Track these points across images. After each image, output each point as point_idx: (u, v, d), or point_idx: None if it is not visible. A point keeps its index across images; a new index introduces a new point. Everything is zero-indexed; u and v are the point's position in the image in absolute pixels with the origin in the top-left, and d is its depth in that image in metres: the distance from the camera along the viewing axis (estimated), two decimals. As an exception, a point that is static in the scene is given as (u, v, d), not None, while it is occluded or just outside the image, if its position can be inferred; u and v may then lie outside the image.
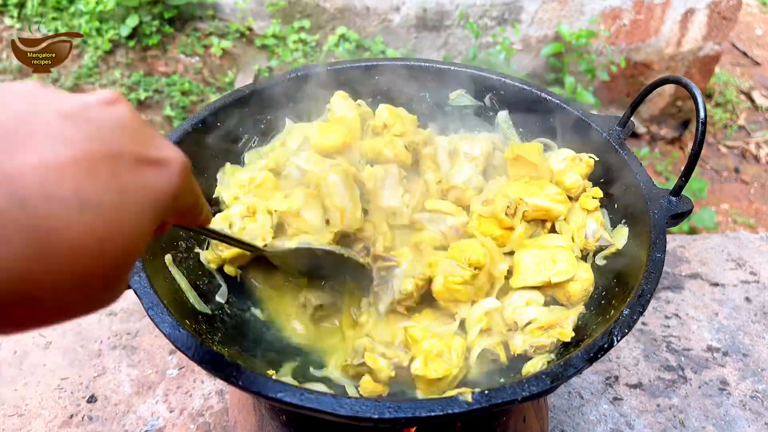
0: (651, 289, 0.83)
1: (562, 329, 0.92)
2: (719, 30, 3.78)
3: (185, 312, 0.92)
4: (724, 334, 1.60)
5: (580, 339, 0.89)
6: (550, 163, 1.13)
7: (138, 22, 3.46)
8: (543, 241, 1.03)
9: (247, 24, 3.67)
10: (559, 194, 1.07)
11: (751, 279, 1.75)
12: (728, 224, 3.61)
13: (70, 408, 1.37)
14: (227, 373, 0.72)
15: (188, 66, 3.57)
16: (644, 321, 1.62)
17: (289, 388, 0.70)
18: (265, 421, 1.07)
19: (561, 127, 1.17)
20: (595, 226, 1.05)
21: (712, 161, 4.06)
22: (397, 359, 0.90)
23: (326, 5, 3.55)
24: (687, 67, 3.92)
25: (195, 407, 1.38)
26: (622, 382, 1.47)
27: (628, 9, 3.59)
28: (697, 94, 0.90)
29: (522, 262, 1.00)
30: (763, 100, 4.48)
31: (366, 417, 0.68)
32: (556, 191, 1.07)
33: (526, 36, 3.62)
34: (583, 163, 1.11)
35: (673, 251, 1.83)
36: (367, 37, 3.61)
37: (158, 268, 0.92)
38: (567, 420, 1.39)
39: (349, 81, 1.25)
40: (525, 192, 1.07)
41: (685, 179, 0.94)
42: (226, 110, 1.13)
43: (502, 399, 0.70)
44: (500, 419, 1.05)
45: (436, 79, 1.26)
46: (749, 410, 1.42)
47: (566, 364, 0.74)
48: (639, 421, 1.39)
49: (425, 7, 3.46)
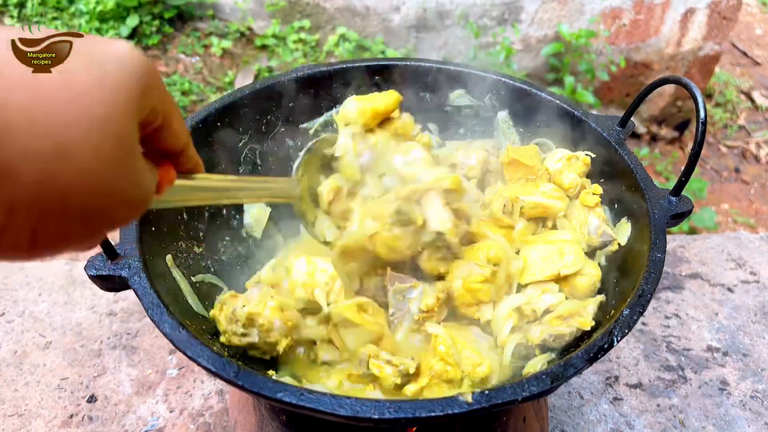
0: (651, 289, 0.83)
1: (582, 318, 0.90)
2: (719, 30, 3.78)
3: (185, 312, 0.92)
4: (724, 334, 1.60)
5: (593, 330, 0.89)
6: (546, 164, 1.13)
7: (138, 22, 3.47)
8: (549, 236, 1.03)
9: (247, 24, 3.67)
10: (555, 191, 1.07)
11: (751, 279, 1.75)
12: (728, 224, 3.61)
13: (70, 408, 1.37)
14: (227, 373, 0.72)
15: (188, 66, 3.57)
16: (644, 321, 1.62)
17: (289, 388, 0.70)
18: (265, 421, 1.07)
19: (561, 127, 1.17)
20: (597, 222, 1.05)
21: (712, 161, 4.06)
22: (403, 366, 0.87)
23: (326, 5, 3.55)
24: (687, 67, 3.92)
25: (195, 407, 1.38)
26: (622, 382, 1.47)
27: (628, 9, 3.59)
28: (697, 94, 0.90)
29: (529, 257, 0.99)
30: (763, 100, 4.48)
31: (366, 417, 0.68)
32: (552, 188, 1.08)
33: (526, 36, 3.62)
34: (579, 162, 1.11)
35: (673, 251, 1.83)
36: (367, 37, 3.61)
37: (159, 268, 0.92)
38: (567, 420, 1.39)
39: (349, 81, 1.25)
40: (521, 191, 1.07)
41: (685, 179, 0.94)
42: (226, 110, 1.13)
43: (502, 399, 0.70)
44: (500, 419, 1.05)
45: (436, 79, 1.26)
46: (749, 410, 1.42)
47: (566, 364, 0.74)
48: (639, 421, 1.39)
49: (425, 7, 3.46)
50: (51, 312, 1.58)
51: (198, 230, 1.09)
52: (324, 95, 1.25)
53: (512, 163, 1.12)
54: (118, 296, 1.61)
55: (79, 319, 1.56)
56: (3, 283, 1.65)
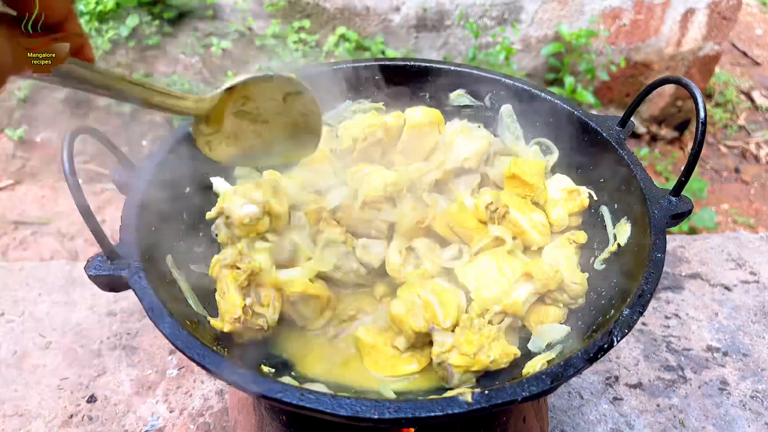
0: (651, 289, 0.83)
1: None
2: (719, 30, 3.78)
3: (185, 312, 0.92)
4: (724, 334, 1.60)
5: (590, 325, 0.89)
6: (548, 184, 1.13)
7: (138, 22, 3.46)
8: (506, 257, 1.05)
9: (247, 24, 3.67)
10: (543, 226, 1.07)
11: (751, 279, 1.75)
12: (728, 224, 3.61)
13: (70, 408, 1.37)
14: (227, 373, 0.72)
15: (188, 66, 3.57)
16: (644, 321, 1.62)
17: (289, 388, 0.70)
18: (265, 421, 1.07)
19: (561, 127, 1.17)
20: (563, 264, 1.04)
21: (712, 161, 4.06)
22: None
23: (326, 5, 3.55)
24: (687, 67, 3.92)
25: (195, 407, 1.38)
26: (622, 382, 1.47)
27: (628, 9, 3.59)
28: (697, 94, 0.90)
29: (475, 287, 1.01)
30: (763, 100, 4.48)
31: (366, 417, 0.68)
32: (542, 222, 1.08)
33: (526, 36, 3.62)
34: (578, 200, 1.10)
35: (673, 251, 1.83)
36: (367, 37, 3.61)
37: (159, 268, 0.92)
38: (567, 420, 1.39)
39: (349, 81, 1.25)
40: (515, 204, 1.07)
41: (685, 179, 0.94)
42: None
43: (502, 399, 0.70)
44: (500, 419, 1.05)
45: (435, 79, 1.26)
46: (749, 410, 1.42)
47: (566, 364, 0.74)
48: (639, 421, 1.39)
49: (425, 7, 3.46)
50: (51, 312, 1.58)
51: (198, 230, 1.09)
52: (324, 95, 1.25)
53: (514, 177, 1.11)
54: (118, 296, 1.61)
55: (79, 319, 1.56)
56: (3, 283, 1.65)
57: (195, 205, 1.08)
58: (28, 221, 2.96)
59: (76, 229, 2.93)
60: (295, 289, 0.97)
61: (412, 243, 1.04)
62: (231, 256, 0.95)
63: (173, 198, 1.03)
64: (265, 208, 1.00)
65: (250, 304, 0.92)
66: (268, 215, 1.01)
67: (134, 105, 0.74)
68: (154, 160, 0.99)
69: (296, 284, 0.97)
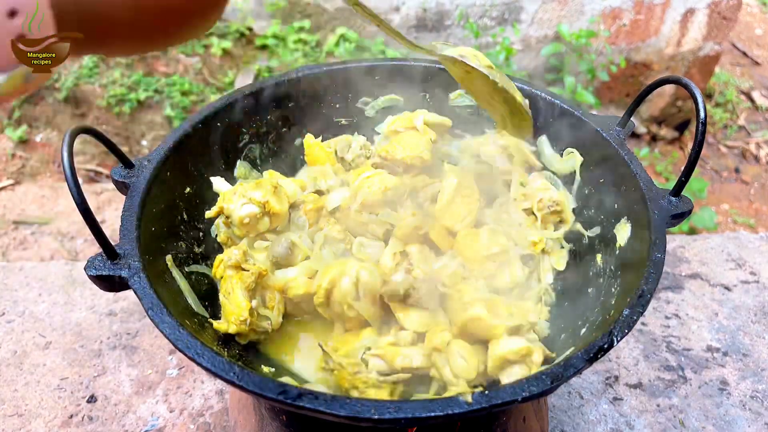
0: (651, 290, 0.83)
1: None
2: (719, 30, 3.78)
3: (185, 312, 0.92)
4: (724, 334, 1.60)
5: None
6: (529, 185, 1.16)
7: (138, 22, 3.46)
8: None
9: (247, 24, 3.67)
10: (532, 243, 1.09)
11: (751, 279, 1.75)
12: (728, 224, 3.61)
13: (70, 408, 1.37)
14: (227, 373, 0.72)
15: (188, 66, 3.57)
16: (644, 321, 1.62)
17: (289, 388, 0.70)
18: (265, 421, 1.07)
19: (561, 127, 1.17)
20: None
21: (712, 161, 4.06)
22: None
23: (326, 5, 3.55)
24: (687, 67, 3.92)
25: (195, 407, 1.38)
26: (622, 382, 1.47)
27: (628, 9, 3.59)
28: (697, 94, 0.90)
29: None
30: (763, 100, 4.48)
31: (366, 417, 0.68)
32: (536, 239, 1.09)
33: (526, 36, 3.62)
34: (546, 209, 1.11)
35: (673, 251, 1.83)
36: (367, 37, 3.61)
37: (159, 268, 0.92)
38: (567, 420, 1.39)
39: (349, 81, 1.25)
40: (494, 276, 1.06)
41: (685, 179, 0.94)
42: (226, 110, 1.13)
43: (502, 399, 0.70)
44: (500, 419, 1.05)
45: (435, 79, 1.26)
46: (749, 410, 1.42)
47: (566, 364, 0.74)
48: (639, 421, 1.39)
49: (425, 7, 3.46)
50: (51, 312, 1.58)
51: (198, 230, 1.09)
52: (324, 95, 1.25)
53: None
54: (118, 296, 1.61)
55: (78, 319, 1.56)
56: (3, 283, 1.65)
57: (195, 205, 1.08)
58: (28, 221, 2.96)
59: (76, 229, 2.93)
60: (297, 292, 0.97)
61: (407, 248, 1.03)
62: (236, 256, 0.95)
63: (173, 198, 1.04)
64: (265, 208, 1.00)
65: (255, 307, 0.93)
66: (268, 215, 1.01)
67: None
68: (154, 160, 0.99)
69: (299, 287, 0.97)
